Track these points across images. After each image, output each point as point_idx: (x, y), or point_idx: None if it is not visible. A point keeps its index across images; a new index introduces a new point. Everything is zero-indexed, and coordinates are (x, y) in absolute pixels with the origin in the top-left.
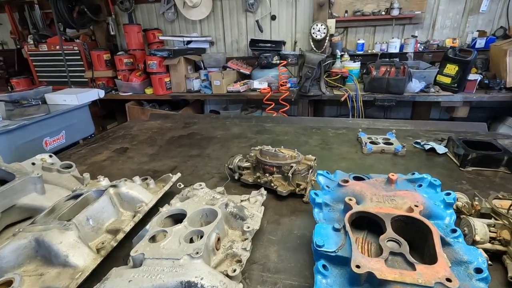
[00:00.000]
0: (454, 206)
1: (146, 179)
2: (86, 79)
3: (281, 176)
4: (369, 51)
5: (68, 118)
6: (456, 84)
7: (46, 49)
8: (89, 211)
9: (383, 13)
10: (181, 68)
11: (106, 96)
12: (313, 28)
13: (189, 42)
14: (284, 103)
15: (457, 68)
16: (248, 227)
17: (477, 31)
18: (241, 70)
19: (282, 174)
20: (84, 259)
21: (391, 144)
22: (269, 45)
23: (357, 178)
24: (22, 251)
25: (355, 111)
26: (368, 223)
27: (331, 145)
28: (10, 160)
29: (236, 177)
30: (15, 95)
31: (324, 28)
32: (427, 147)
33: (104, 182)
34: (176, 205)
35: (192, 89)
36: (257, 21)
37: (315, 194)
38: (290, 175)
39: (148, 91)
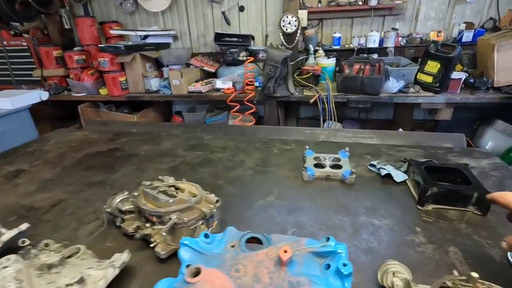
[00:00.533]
0: None
1: None
2: (38, 78)
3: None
4: (346, 45)
5: (0, 124)
6: (438, 84)
7: None
8: None
9: (360, 3)
10: (137, 66)
11: (58, 97)
12: (283, 21)
13: (146, 36)
14: (250, 104)
15: (439, 66)
16: None
17: (464, 22)
18: (205, 68)
19: (164, 225)
20: None
21: (339, 167)
22: (235, 39)
23: (254, 240)
24: None
25: (327, 114)
26: None
27: (269, 166)
28: None
29: (117, 223)
30: None
31: (295, 20)
32: (383, 172)
33: None
34: None
35: (151, 89)
36: (223, 13)
37: None
38: (167, 229)
39: (103, 91)
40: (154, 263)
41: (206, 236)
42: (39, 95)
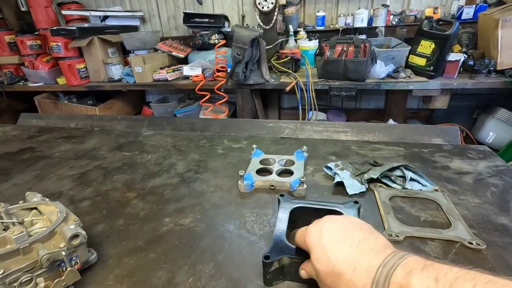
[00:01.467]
0: None
1: None
2: None
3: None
4: (332, 26)
5: None
6: (432, 67)
7: None
8: None
9: None
10: (97, 51)
11: (13, 88)
12: None
13: (105, 17)
14: (221, 93)
15: (433, 46)
16: None
17: None
18: (173, 53)
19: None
20: None
21: (290, 173)
22: (207, 20)
23: None
24: None
25: (306, 103)
26: None
27: (203, 172)
28: None
29: None
30: None
31: None
32: (336, 178)
33: None
34: None
35: (113, 77)
36: None
37: None
38: None
39: (61, 80)
40: None
41: None
42: None
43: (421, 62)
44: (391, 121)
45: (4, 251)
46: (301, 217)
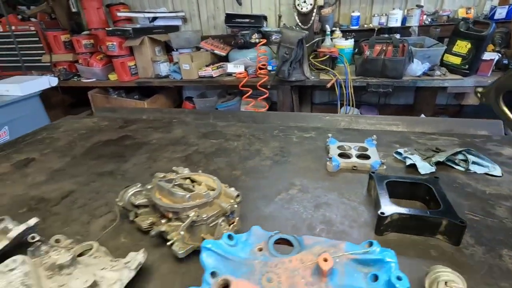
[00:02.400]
0: None
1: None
2: (47, 64)
3: (181, 225)
4: (366, 25)
5: (11, 111)
6: (467, 66)
7: (0, 29)
8: None
9: None
10: (146, 50)
11: (68, 83)
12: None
13: (154, 18)
14: (262, 89)
15: (469, 46)
16: None
17: None
18: (215, 51)
19: (182, 222)
20: None
21: (367, 157)
22: (247, 20)
23: (283, 242)
24: None
25: (345, 99)
26: None
27: (288, 156)
28: None
29: (131, 218)
30: None
31: None
32: (408, 161)
33: None
34: None
35: (160, 74)
36: None
37: None
38: (185, 227)
39: (112, 77)
40: (172, 262)
41: (230, 237)
42: (49, 80)
43: (457, 61)
44: (422, 116)
45: (201, 202)
46: (395, 188)
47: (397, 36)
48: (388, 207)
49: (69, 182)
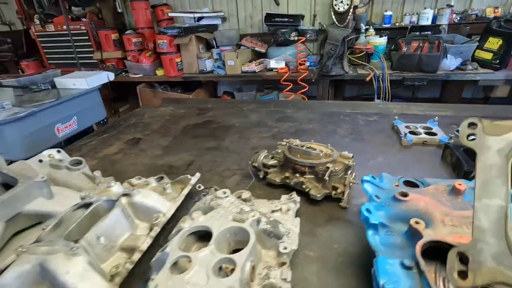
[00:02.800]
0: None
1: (162, 178)
2: (96, 61)
3: (314, 177)
4: (397, 24)
5: (79, 103)
6: (498, 60)
7: (53, 29)
8: (100, 228)
9: None
10: (193, 47)
11: (116, 79)
12: (335, 0)
13: (200, 18)
14: (303, 84)
15: (500, 42)
16: (285, 248)
17: None
18: (256, 48)
19: (315, 175)
20: None
21: (434, 134)
22: (286, 19)
23: (408, 184)
24: (26, 277)
25: (381, 92)
26: (437, 251)
27: (363, 135)
28: (22, 149)
29: (261, 176)
30: (24, 80)
31: None
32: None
33: (115, 187)
34: (199, 219)
35: (205, 69)
36: None
37: (368, 211)
38: (327, 178)
39: (159, 72)
40: (308, 205)
41: (373, 177)
42: (107, 75)
43: (488, 56)
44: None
45: (331, 159)
46: (469, 156)
47: (430, 33)
48: (471, 165)
49: (185, 154)
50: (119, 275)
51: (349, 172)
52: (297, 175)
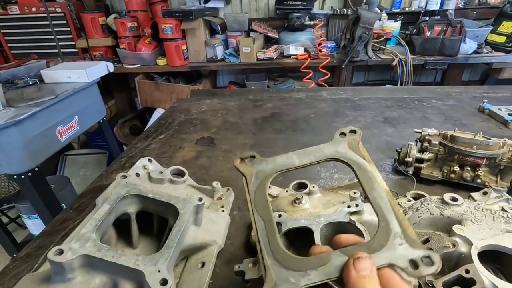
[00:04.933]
0: None
1: (304, 185)
2: (76, 50)
3: (488, 170)
4: (407, 8)
5: (79, 100)
6: (510, 44)
7: (17, 11)
8: None
9: None
10: (201, 32)
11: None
12: None
13: (207, 0)
14: (324, 71)
15: None
16: None
17: None
18: (268, 34)
19: (490, 167)
20: None
21: None
22: (299, 2)
23: None
24: None
25: (404, 77)
26: None
27: (459, 120)
28: (25, 158)
29: (410, 172)
30: (4, 74)
31: None
32: None
33: (306, 204)
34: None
35: (215, 57)
36: None
37: None
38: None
39: (161, 61)
40: None
41: None
42: (107, 66)
43: (501, 39)
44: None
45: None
46: None
47: (451, 17)
48: None
49: (278, 149)
50: None
51: None
52: (468, 168)
